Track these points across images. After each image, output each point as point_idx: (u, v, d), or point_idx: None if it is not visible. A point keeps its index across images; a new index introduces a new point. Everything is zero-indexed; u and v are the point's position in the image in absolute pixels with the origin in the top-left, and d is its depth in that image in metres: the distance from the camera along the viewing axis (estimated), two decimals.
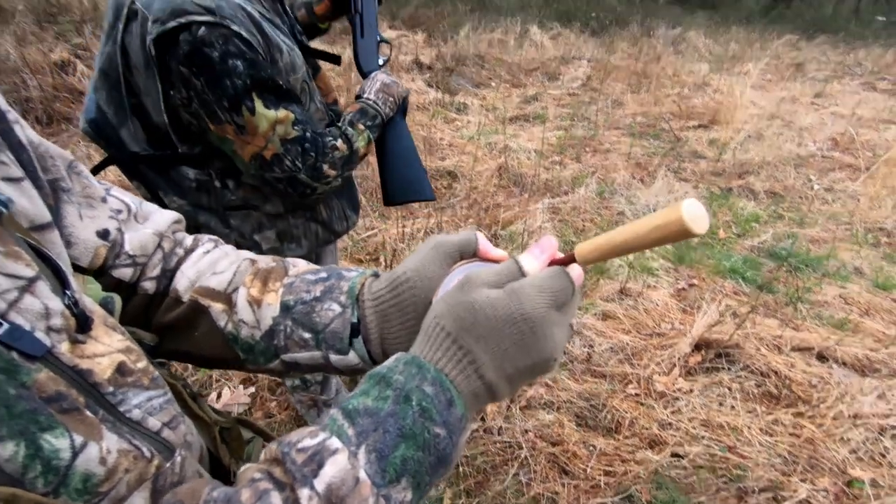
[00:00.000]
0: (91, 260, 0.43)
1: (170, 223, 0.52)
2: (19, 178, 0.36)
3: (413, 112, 4.58)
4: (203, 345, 0.48)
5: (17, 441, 0.27)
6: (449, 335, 0.37)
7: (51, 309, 0.32)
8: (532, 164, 3.66)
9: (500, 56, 6.43)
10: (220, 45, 0.83)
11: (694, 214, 0.32)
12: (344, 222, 1.25)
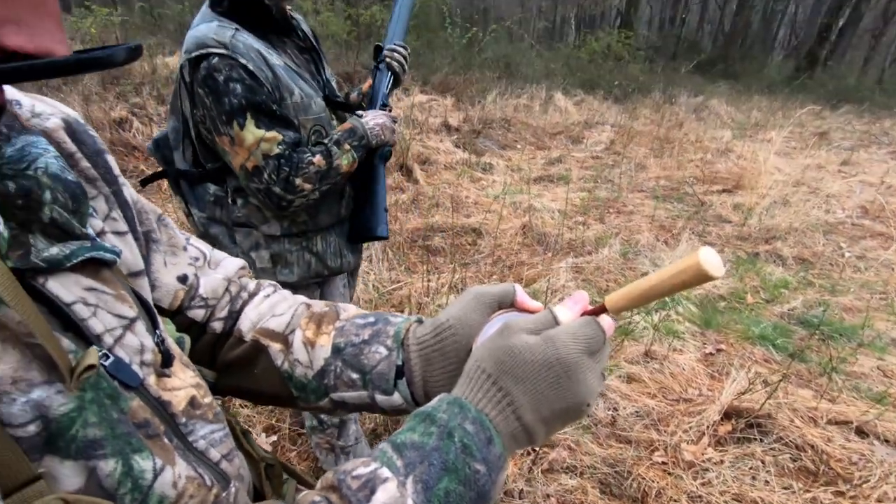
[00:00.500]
0: (171, 302, 0.49)
1: (237, 269, 0.58)
2: (125, 231, 0.42)
3: (440, 171, 4.77)
4: (261, 382, 0.53)
5: (117, 459, 0.32)
6: (489, 377, 0.40)
7: (145, 346, 0.38)
8: (556, 223, 3.72)
9: (526, 120, 6.69)
10: (226, 71, 1.03)
11: (710, 260, 0.36)
12: (338, 259, 1.32)
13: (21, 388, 0.28)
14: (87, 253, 0.33)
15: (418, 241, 3.38)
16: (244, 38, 1.07)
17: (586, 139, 6.35)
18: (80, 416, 0.30)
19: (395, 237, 3.30)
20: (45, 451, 0.29)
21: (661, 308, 2.76)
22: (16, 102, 0.37)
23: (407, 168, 4.52)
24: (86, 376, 0.31)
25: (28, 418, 0.28)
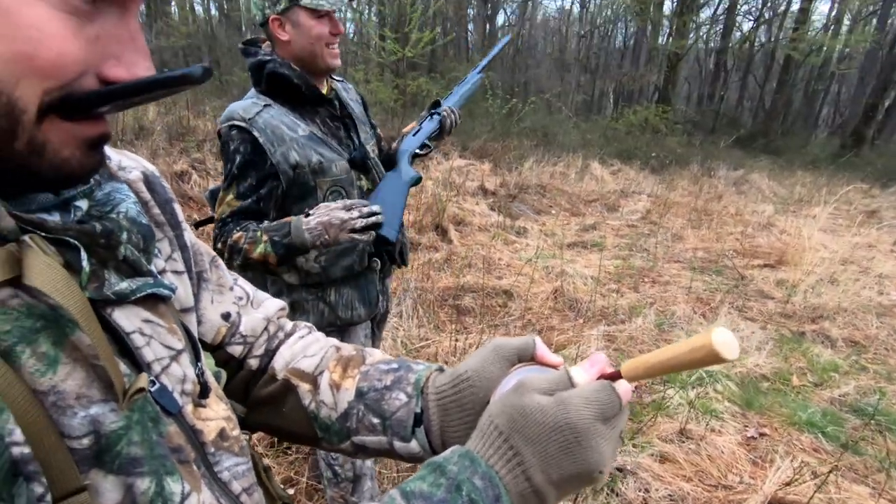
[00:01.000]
0: (213, 337, 0.53)
1: (277, 310, 0.61)
2: (182, 271, 0.48)
3: (475, 232, 4.86)
4: (289, 420, 0.55)
5: (152, 479, 0.34)
6: (501, 434, 0.41)
7: (187, 376, 0.41)
8: (588, 289, 3.69)
9: (561, 187, 6.81)
10: (237, 142, 1.21)
11: (724, 341, 0.36)
12: (349, 312, 1.38)
13: (82, 403, 0.32)
14: (149, 289, 0.38)
15: (449, 300, 3.40)
16: (269, 114, 1.22)
17: (622, 207, 6.37)
18: (127, 435, 0.33)
19: (426, 295, 3.34)
20: (93, 465, 0.32)
21: (698, 384, 2.63)
22: (107, 157, 0.44)
23: (442, 228, 4.63)
24: (136, 398, 0.34)
25: (84, 431, 0.32)
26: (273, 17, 1.22)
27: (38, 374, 0.30)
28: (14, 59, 0.27)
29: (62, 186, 0.34)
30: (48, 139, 0.30)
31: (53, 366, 0.31)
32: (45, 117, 0.30)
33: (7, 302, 0.30)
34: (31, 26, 0.27)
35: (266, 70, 1.23)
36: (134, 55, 0.32)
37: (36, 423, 0.29)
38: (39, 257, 0.30)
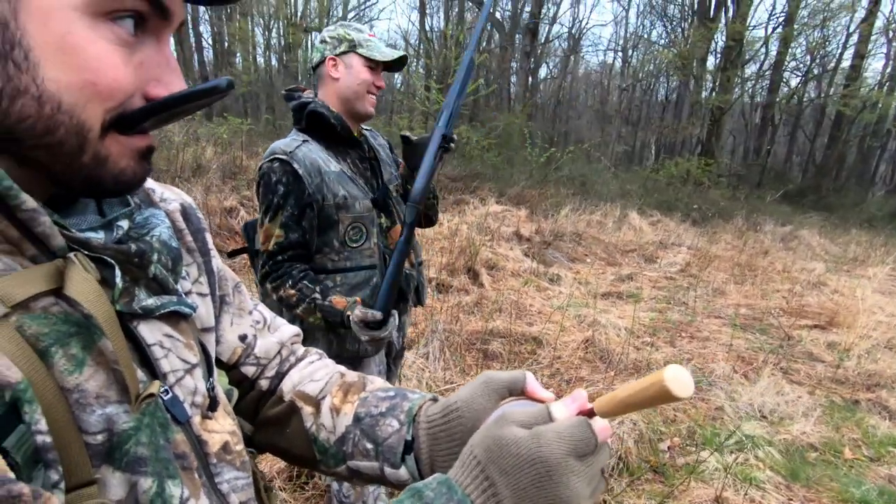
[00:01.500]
0: (229, 356, 0.57)
1: (291, 336, 0.65)
2: (206, 294, 0.52)
3: (507, 277, 4.85)
4: (292, 441, 0.57)
5: (154, 479, 0.37)
6: (479, 464, 0.41)
7: (198, 389, 0.45)
8: (621, 341, 3.58)
9: (598, 236, 6.75)
10: (279, 174, 1.30)
11: (677, 378, 0.35)
12: (356, 345, 1.41)
13: (101, 402, 0.35)
14: (172, 306, 0.42)
15: (476, 344, 3.38)
16: (307, 149, 1.33)
17: (660, 259, 6.22)
18: (136, 435, 0.37)
19: (453, 337, 3.33)
20: (104, 461, 0.35)
21: (737, 448, 2.47)
22: (151, 189, 0.50)
23: (474, 272, 4.65)
24: (146, 402, 0.38)
25: (99, 428, 0.35)
26: (330, 57, 1.36)
27: (66, 372, 0.34)
28: (82, 86, 0.33)
29: (120, 193, 0.39)
30: (109, 152, 0.36)
31: (80, 367, 0.35)
32: (106, 134, 0.36)
33: (49, 308, 0.34)
34: (95, 58, 0.33)
35: (307, 109, 1.36)
36: (171, 76, 0.38)
37: (60, 416, 0.33)
38: (79, 272, 0.35)
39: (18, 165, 0.35)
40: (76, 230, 0.37)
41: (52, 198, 0.39)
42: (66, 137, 0.34)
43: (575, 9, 23.31)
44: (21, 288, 0.32)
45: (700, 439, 2.59)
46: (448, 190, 8.22)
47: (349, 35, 1.36)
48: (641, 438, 2.46)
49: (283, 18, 17.18)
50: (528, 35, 15.67)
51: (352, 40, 1.35)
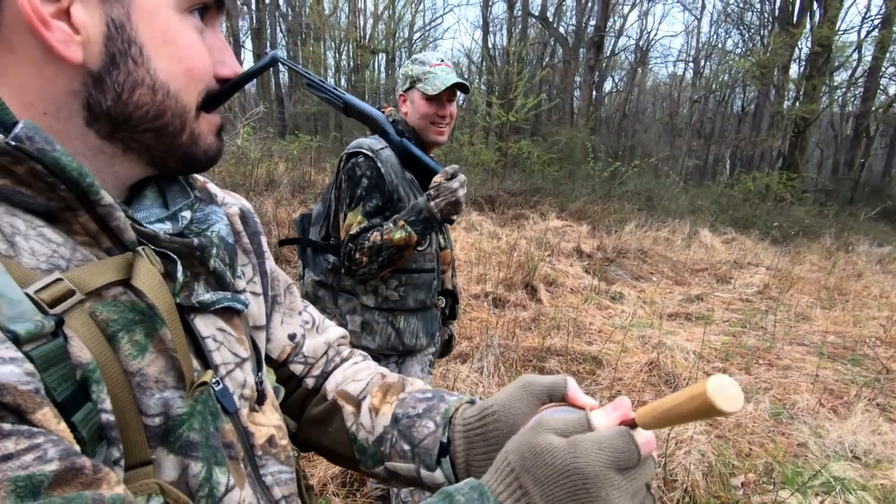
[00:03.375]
0: (279, 354, 0.59)
1: (338, 337, 0.66)
2: (259, 293, 0.55)
3: (566, 294, 4.73)
4: (333, 440, 0.58)
5: (203, 464, 0.39)
6: (512, 472, 0.40)
7: (247, 382, 0.47)
8: (689, 365, 3.36)
9: (665, 253, 6.44)
10: (364, 168, 1.37)
11: (723, 391, 0.32)
12: (414, 339, 1.48)
13: (159, 386, 0.38)
14: (227, 302, 0.44)
15: (533, 361, 3.30)
16: (388, 153, 1.41)
17: (735, 280, 5.81)
18: (188, 421, 0.39)
19: (509, 353, 3.27)
20: (160, 442, 0.38)
21: (824, 491, 2.23)
22: (213, 192, 0.53)
23: (532, 287, 4.57)
24: (199, 390, 0.40)
25: (157, 411, 0.37)
26: (400, 94, 1.50)
27: (130, 357, 0.36)
28: (182, 73, 0.39)
29: (207, 166, 0.44)
30: (201, 130, 0.42)
31: (143, 352, 0.37)
32: (199, 114, 0.41)
33: (118, 297, 0.37)
34: (188, 47, 0.39)
35: (398, 125, 1.47)
36: (230, 57, 0.43)
37: (123, 397, 0.35)
38: (146, 265, 0.38)
39: (123, 152, 0.40)
40: (146, 223, 0.40)
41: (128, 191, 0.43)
42: (171, 119, 0.39)
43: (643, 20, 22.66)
44: (95, 277, 0.35)
45: (779, 477, 2.36)
46: (507, 205, 8.18)
47: (412, 71, 1.45)
48: (711, 471, 2.28)
49: (353, 41, 18.05)
50: (593, 48, 15.43)
51: (413, 76, 1.45)
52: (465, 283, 4.49)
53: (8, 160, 0.32)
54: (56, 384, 0.31)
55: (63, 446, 0.29)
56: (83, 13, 0.35)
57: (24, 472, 0.27)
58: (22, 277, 0.32)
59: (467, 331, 3.60)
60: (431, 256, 1.50)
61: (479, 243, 5.80)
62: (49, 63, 0.35)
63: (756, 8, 19.01)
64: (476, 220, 6.94)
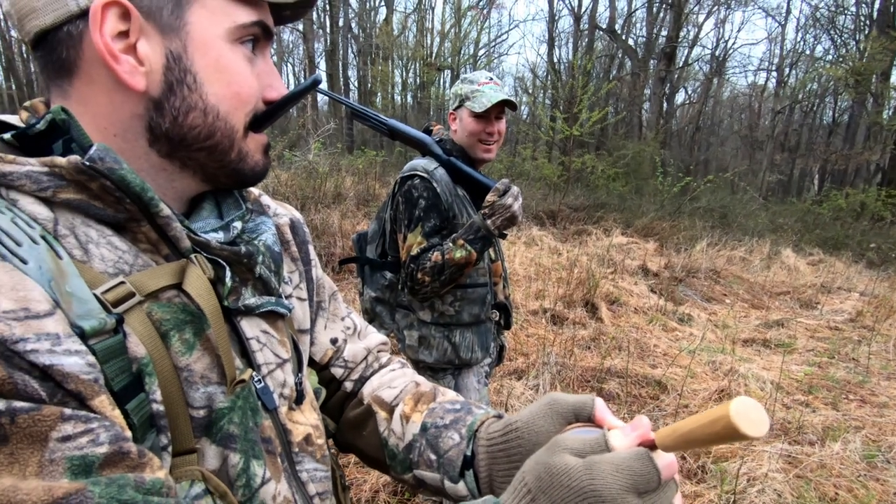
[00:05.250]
0: (321, 357, 0.62)
1: (378, 343, 0.69)
2: (305, 299, 0.58)
3: (629, 314, 4.54)
4: (367, 443, 0.61)
5: (241, 456, 0.42)
6: (529, 492, 0.40)
7: (287, 382, 0.50)
8: (765, 396, 3.11)
9: (741, 274, 6.02)
10: (421, 190, 1.40)
11: (746, 414, 0.30)
12: (470, 353, 1.49)
13: (204, 382, 0.41)
14: (271, 306, 0.48)
15: (591, 381, 3.19)
16: (441, 172, 1.45)
17: (822, 305, 5.32)
18: (229, 414, 0.42)
19: (566, 372, 3.19)
20: (204, 433, 0.41)
21: None
22: (266, 204, 0.57)
23: (592, 305, 4.44)
24: (239, 387, 0.43)
25: (202, 404, 0.41)
26: (450, 113, 1.55)
27: (179, 353, 0.40)
28: (231, 97, 0.43)
29: (255, 182, 0.49)
30: (248, 148, 0.46)
31: (191, 350, 0.41)
32: (246, 134, 0.45)
33: (172, 299, 0.41)
34: (237, 73, 0.43)
35: (447, 145, 1.52)
36: (277, 81, 0.48)
37: (172, 389, 0.39)
38: (196, 272, 0.42)
39: (181, 169, 0.45)
40: (200, 233, 0.44)
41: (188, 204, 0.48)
42: (220, 139, 0.44)
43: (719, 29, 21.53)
44: (153, 281, 0.40)
45: None
46: (569, 220, 8.02)
47: (461, 90, 1.49)
48: None
49: (420, 59, 18.59)
50: (664, 59, 14.88)
51: (462, 95, 1.49)
52: (522, 298, 4.44)
53: (84, 178, 0.37)
54: (114, 375, 0.35)
55: (114, 431, 0.32)
56: (147, 47, 0.40)
57: (78, 453, 0.30)
58: (92, 280, 0.37)
59: (524, 347, 3.55)
60: (484, 270, 1.51)
61: (539, 258, 5.72)
62: (118, 91, 0.40)
63: (850, 11, 17.54)
64: (536, 235, 6.85)
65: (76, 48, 0.39)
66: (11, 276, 0.31)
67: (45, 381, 0.31)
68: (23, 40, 0.41)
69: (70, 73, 0.40)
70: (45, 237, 0.35)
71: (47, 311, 0.32)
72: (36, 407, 0.30)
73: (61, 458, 0.30)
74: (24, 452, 0.29)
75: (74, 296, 0.34)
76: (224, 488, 0.40)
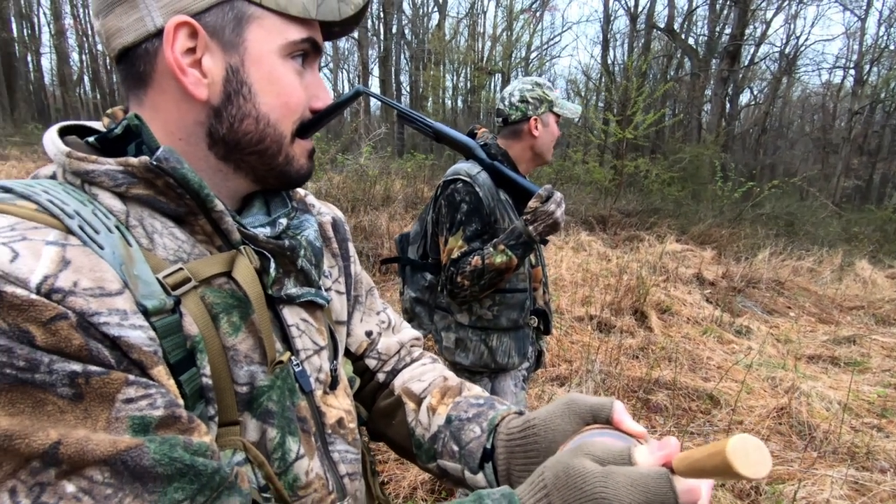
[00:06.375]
0: (356, 348, 0.66)
1: (411, 339, 0.72)
2: (343, 292, 0.62)
3: (682, 324, 4.36)
4: (396, 432, 0.64)
5: (278, 431, 0.46)
6: (545, 488, 0.41)
7: (323, 367, 0.53)
8: (831, 417, 2.90)
9: (807, 286, 5.64)
10: (463, 194, 1.42)
11: (745, 453, 0.29)
12: (506, 358, 1.49)
13: (247, 361, 0.45)
14: (311, 297, 0.52)
15: (638, 392, 3.09)
16: (484, 176, 1.46)
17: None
18: (269, 392, 0.46)
19: (611, 381, 3.11)
20: (246, 408, 0.45)
21: None
22: (311, 203, 0.61)
23: (642, 313, 4.29)
24: (278, 368, 0.47)
25: (245, 381, 0.45)
26: (534, 118, 1.52)
27: (227, 334, 0.44)
28: (280, 106, 0.48)
29: (300, 183, 0.53)
30: (294, 153, 0.50)
31: (237, 331, 0.45)
32: (293, 140, 0.50)
33: (222, 285, 0.46)
34: (287, 85, 0.48)
35: (491, 149, 1.53)
36: (324, 93, 0.52)
37: (220, 366, 0.43)
38: (244, 262, 0.46)
39: (234, 170, 0.49)
40: (250, 227, 0.49)
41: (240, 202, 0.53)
42: (270, 144, 0.48)
43: (790, 25, 20.18)
44: (207, 268, 0.44)
45: None
46: (620, 225, 7.79)
47: (548, 96, 1.52)
48: None
49: (471, 63, 18.68)
50: (727, 59, 14.18)
51: (550, 101, 1.52)
52: (568, 304, 4.36)
53: (151, 175, 0.42)
54: (170, 349, 0.39)
55: (169, 398, 0.37)
56: (210, 62, 0.44)
57: (139, 414, 0.35)
58: (155, 265, 0.41)
59: (567, 353, 3.49)
60: (524, 276, 1.51)
61: (587, 264, 5.60)
62: (184, 100, 0.45)
63: None
64: (585, 241, 6.71)
65: (151, 62, 0.44)
66: (90, 259, 0.36)
67: (113, 350, 0.35)
68: (109, 55, 0.47)
69: (145, 84, 0.45)
70: (119, 227, 0.40)
71: (118, 290, 0.37)
72: (106, 371, 0.34)
73: (125, 417, 0.34)
74: (96, 409, 0.34)
75: (140, 278, 0.39)
76: (262, 459, 0.44)
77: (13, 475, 0.31)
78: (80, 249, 0.36)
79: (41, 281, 0.33)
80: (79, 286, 0.35)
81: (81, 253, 0.36)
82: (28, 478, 0.31)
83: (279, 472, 0.46)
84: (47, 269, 0.34)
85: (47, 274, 0.34)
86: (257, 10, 0.45)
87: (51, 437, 0.31)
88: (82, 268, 0.36)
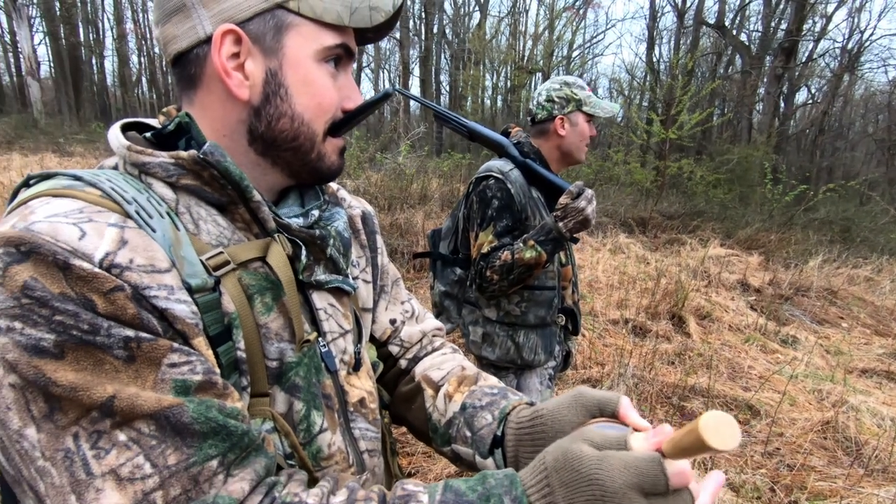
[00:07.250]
0: (381, 335, 0.70)
1: (433, 328, 0.76)
2: (369, 281, 0.66)
3: (722, 330, 4.21)
4: (415, 416, 0.67)
5: (304, 404, 0.50)
6: (545, 470, 0.43)
7: (347, 350, 0.57)
8: (882, 433, 2.74)
9: (863, 295, 5.32)
10: (495, 190, 1.44)
11: (716, 429, 0.31)
12: (533, 355, 1.49)
13: (278, 338, 0.50)
14: (338, 283, 0.56)
15: (672, 398, 3.02)
16: (516, 174, 1.47)
17: None
18: (296, 368, 0.50)
19: (645, 385, 3.05)
20: (275, 381, 0.50)
21: None
22: (342, 197, 0.66)
23: (680, 318, 4.18)
24: (305, 347, 0.51)
25: (275, 356, 0.49)
26: (560, 117, 1.53)
27: (260, 313, 0.49)
28: (314, 106, 0.51)
29: (331, 178, 0.56)
30: (326, 151, 0.54)
31: (269, 311, 0.50)
32: (325, 138, 0.53)
33: (258, 269, 0.50)
34: (321, 87, 0.51)
35: (524, 147, 1.55)
36: (356, 94, 0.55)
37: (253, 341, 0.48)
38: (278, 248, 0.51)
39: (272, 165, 0.54)
40: (285, 217, 0.53)
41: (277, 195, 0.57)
42: (303, 142, 0.52)
43: (853, 19, 18.98)
44: (244, 253, 0.49)
45: None
46: (661, 228, 7.58)
47: (576, 95, 1.52)
48: None
49: (511, 62, 18.57)
50: (782, 55, 13.51)
51: (578, 100, 1.52)
52: (603, 306, 4.30)
53: (198, 167, 0.47)
54: (210, 323, 0.44)
55: (207, 366, 0.42)
56: (252, 65, 0.49)
57: (181, 377, 0.40)
58: (199, 248, 0.46)
59: (600, 356, 3.45)
60: (553, 274, 1.52)
61: (624, 266, 5.49)
62: (228, 101, 0.50)
63: None
64: (624, 243, 6.57)
65: (201, 66, 0.49)
66: (144, 240, 0.42)
67: (161, 320, 0.40)
68: (166, 59, 0.53)
69: (195, 85, 0.50)
70: (169, 213, 0.46)
71: (167, 268, 0.42)
72: (154, 338, 0.39)
73: (169, 379, 0.39)
74: (145, 371, 0.39)
75: (186, 259, 0.44)
76: (288, 428, 0.49)
77: (76, 422, 0.36)
78: (136, 231, 0.41)
79: (103, 257, 0.38)
80: (134, 263, 0.40)
81: (137, 234, 0.41)
82: (88, 425, 0.36)
83: (304, 442, 0.50)
84: (108, 246, 0.39)
85: (109, 251, 0.39)
86: (296, 19, 0.49)
87: (107, 392, 0.36)
88: (137, 247, 0.41)
